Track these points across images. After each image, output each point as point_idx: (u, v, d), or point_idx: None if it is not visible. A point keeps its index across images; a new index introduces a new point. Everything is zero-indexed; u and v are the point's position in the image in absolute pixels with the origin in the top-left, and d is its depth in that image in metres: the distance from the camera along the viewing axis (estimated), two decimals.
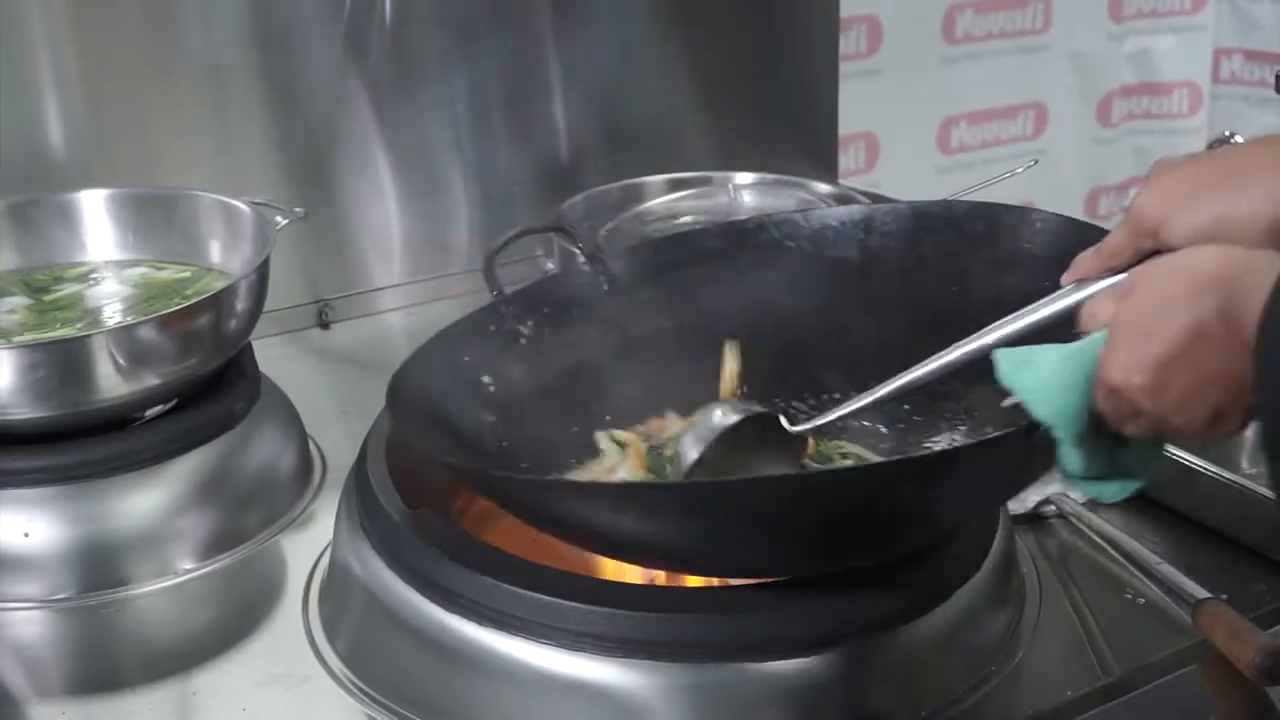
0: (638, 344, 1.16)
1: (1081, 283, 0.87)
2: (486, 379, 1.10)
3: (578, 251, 1.33)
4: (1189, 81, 2.84)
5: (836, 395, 1.11)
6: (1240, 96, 2.82)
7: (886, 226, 1.14)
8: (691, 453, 1.00)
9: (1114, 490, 0.84)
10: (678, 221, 1.60)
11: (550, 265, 1.51)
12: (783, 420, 1.02)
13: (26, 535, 1.11)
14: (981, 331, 0.91)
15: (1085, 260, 0.87)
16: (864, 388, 0.99)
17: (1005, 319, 0.90)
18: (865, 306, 1.13)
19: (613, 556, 0.98)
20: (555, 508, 0.93)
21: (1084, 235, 0.96)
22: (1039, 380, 0.81)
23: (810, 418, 1.03)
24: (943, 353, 0.93)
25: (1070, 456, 0.81)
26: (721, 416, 1.02)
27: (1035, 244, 1.03)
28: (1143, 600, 1.05)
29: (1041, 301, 0.89)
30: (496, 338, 1.12)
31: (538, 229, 1.45)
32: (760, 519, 0.85)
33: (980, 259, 1.07)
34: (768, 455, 1.01)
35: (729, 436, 1.00)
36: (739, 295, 1.16)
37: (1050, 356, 0.81)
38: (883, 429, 1.14)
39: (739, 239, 1.18)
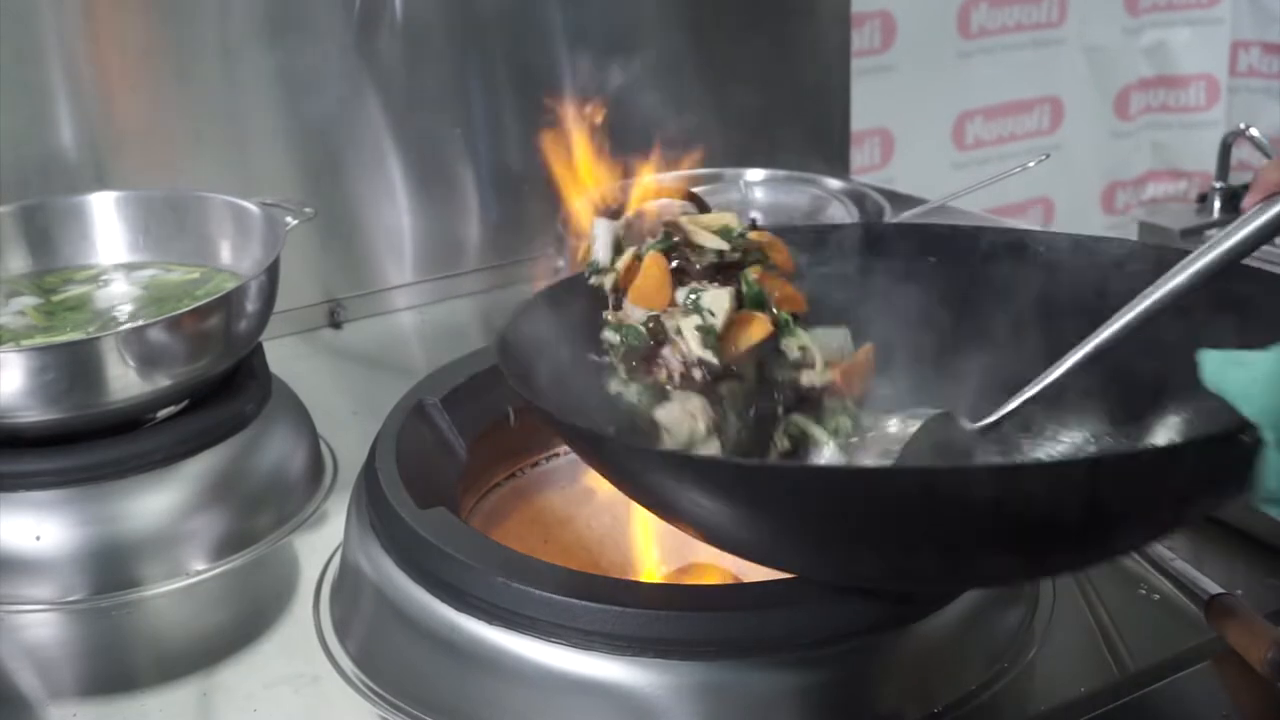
0: None
1: (1272, 198, 0.83)
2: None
3: None
4: (1206, 74, 2.83)
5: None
6: (1258, 89, 2.81)
7: (1040, 256, 1.07)
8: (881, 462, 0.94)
9: None
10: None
11: (561, 263, 1.51)
12: (961, 420, 0.96)
13: (38, 539, 1.11)
14: (1170, 272, 0.86)
15: (1270, 171, 0.83)
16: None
17: (1192, 254, 0.86)
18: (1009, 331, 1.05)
19: (727, 548, 0.92)
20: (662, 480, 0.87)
21: (1258, 281, 0.91)
22: (1251, 378, 0.76)
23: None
24: (1128, 306, 0.88)
25: (1275, 466, 0.75)
26: (901, 425, 0.98)
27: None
28: (1157, 596, 1.05)
29: (1231, 226, 0.85)
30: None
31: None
32: (956, 518, 0.78)
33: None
34: (941, 459, 0.95)
35: (917, 441, 0.95)
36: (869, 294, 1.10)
37: (1266, 355, 0.76)
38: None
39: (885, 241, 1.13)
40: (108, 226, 1.37)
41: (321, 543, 1.17)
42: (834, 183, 1.69)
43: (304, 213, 1.32)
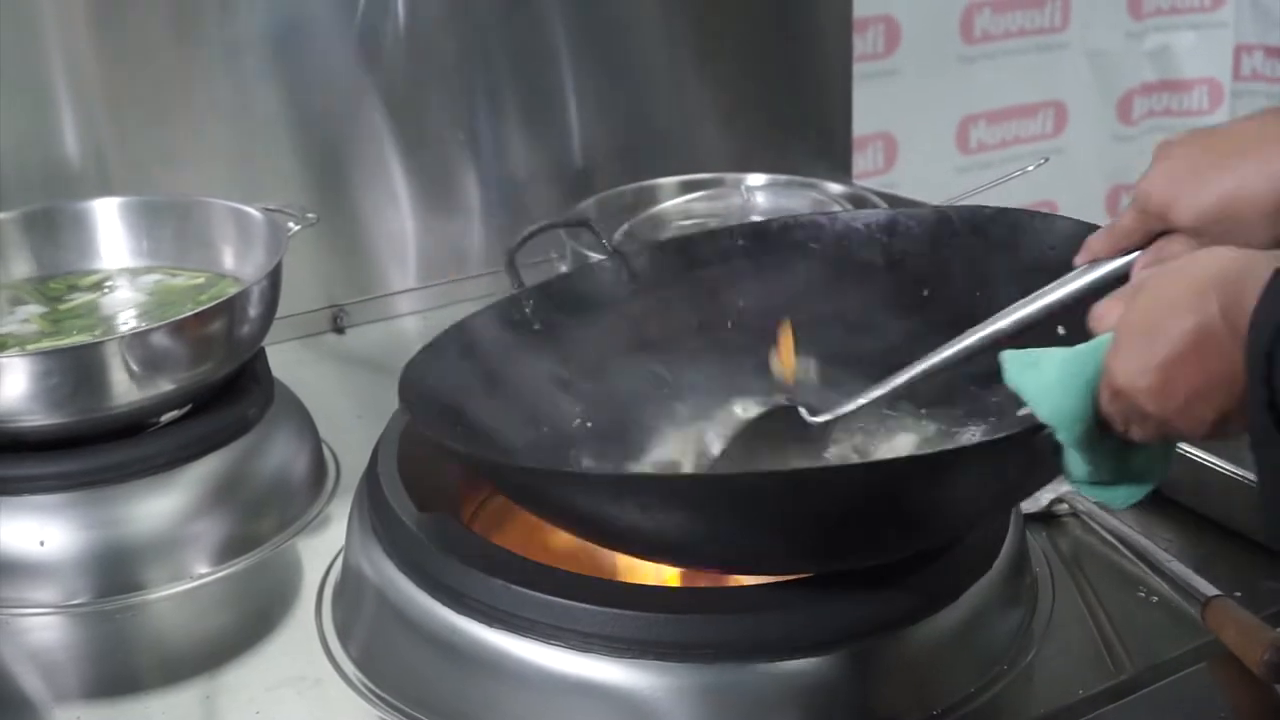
0: (658, 341, 1.16)
1: (1094, 263, 0.87)
2: (504, 372, 1.09)
3: (599, 248, 1.33)
4: (1210, 78, 2.83)
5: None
6: (1262, 93, 2.81)
7: (910, 230, 1.14)
8: (714, 447, 1.01)
9: (1121, 496, 0.83)
10: (691, 222, 1.60)
11: (564, 267, 1.51)
12: (802, 411, 1.02)
13: (42, 544, 1.12)
14: (996, 315, 0.91)
15: (1097, 241, 0.88)
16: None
17: (1020, 302, 0.91)
18: (887, 310, 1.12)
19: (617, 548, 0.98)
20: (564, 499, 0.93)
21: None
22: (1042, 382, 0.80)
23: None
24: (957, 339, 0.93)
25: (1075, 460, 0.81)
26: (742, 410, 1.02)
27: (1058, 249, 1.02)
28: (1155, 598, 1.05)
29: (1055, 283, 0.89)
30: (514, 331, 1.12)
31: (559, 224, 1.45)
32: (763, 514, 0.85)
33: (1003, 264, 1.06)
34: (790, 449, 1.01)
35: (751, 430, 1.01)
36: (760, 295, 1.16)
37: (1054, 358, 0.80)
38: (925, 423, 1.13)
39: (762, 239, 1.18)
40: (112, 232, 1.38)
41: (324, 546, 1.18)
42: (836, 187, 1.69)
43: (307, 218, 1.33)
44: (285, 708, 0.99)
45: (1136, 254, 0.84)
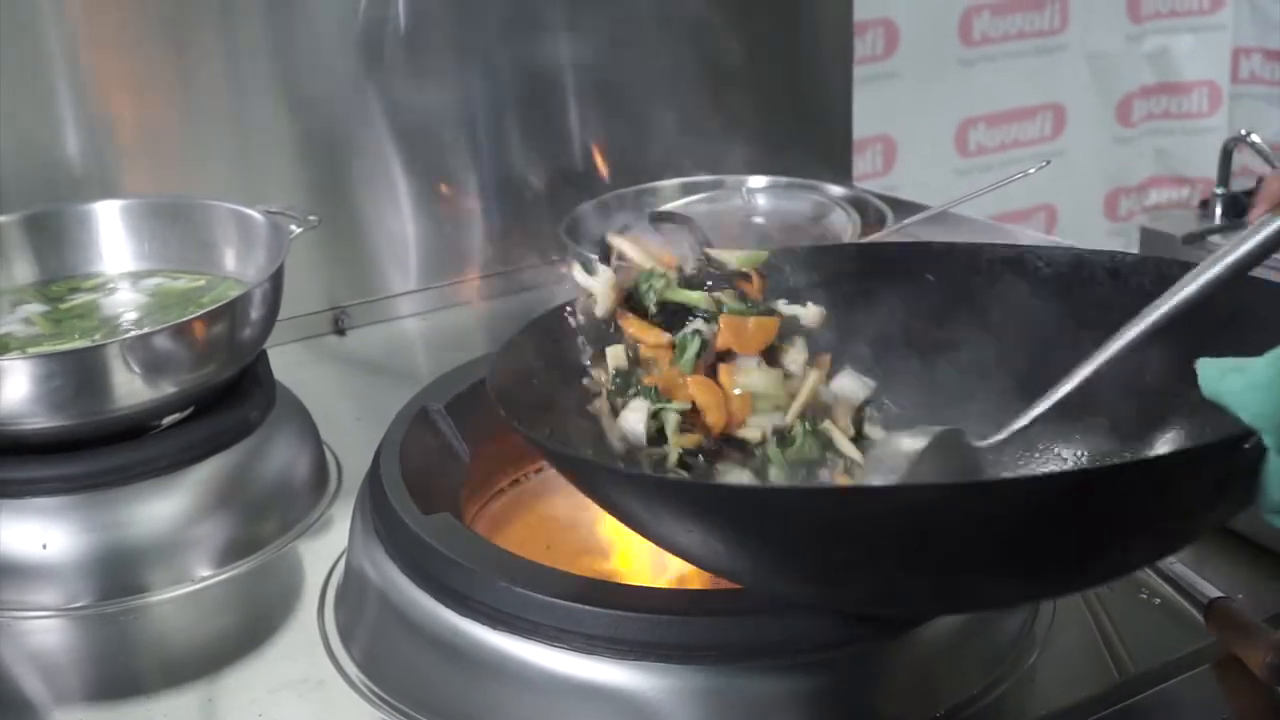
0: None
1: (1277, 210, 0.82)
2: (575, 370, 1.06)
3: (590, 251, 1.32)
4: (1209, 81, 2.84)
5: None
6: (1260, 96, 2.82)
7: (1041, 272, 1.07)
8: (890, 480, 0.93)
9: None
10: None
11: (564, 270, 1.51)
12: (965, 435, 0.96)
13: (45, 546, 1.12)
14: (1183, 280, 0.85)
15: (1275, 182, 0.83)
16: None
17: (1202, 264, 0.84)
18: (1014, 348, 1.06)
19: (718, 573, 0.92)
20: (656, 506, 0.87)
21: (1252, 292, 0.91)
22: (1248, 384, 0.75)
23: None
24: (1140, 316, 0.87)
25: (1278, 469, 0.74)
26: (910, 441, 0.96)
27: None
28: (1158, 600, 1.05)
29: (1237, 238, 0.84)
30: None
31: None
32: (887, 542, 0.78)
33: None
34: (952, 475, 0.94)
35: (922, 458, 0.94)
36: (873, 315, 1.11)
37: (1263, 359, 0.76)
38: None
39: (888, 262, 1.13)
40: (113, 234, 1.38)
41: (326, 549, 1.18)
42: (836, 189, 1.69)
43: (308, 220, 1.33)
44: (288, 710, 0.99)
45: None
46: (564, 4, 1.73)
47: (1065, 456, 1.05)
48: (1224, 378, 0.76)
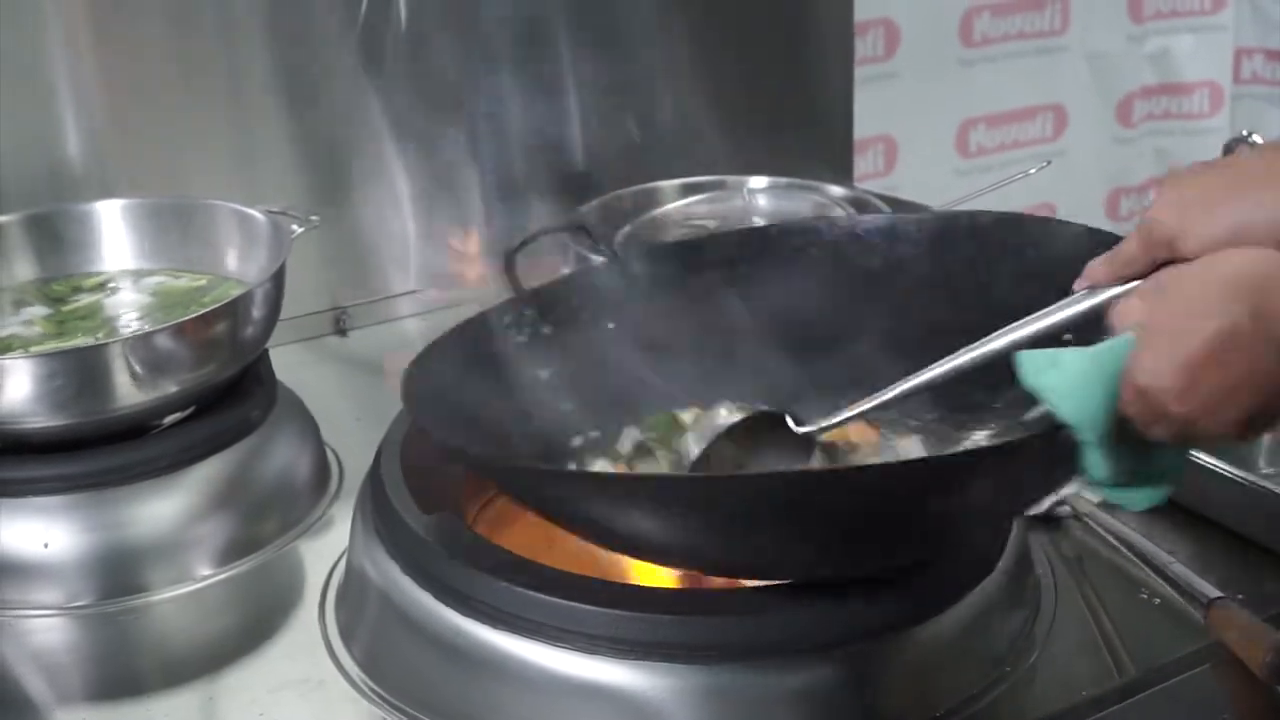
0: (656, 345, 1.15)
1: (1093, 289, 0.86)
2: (502, 374, 1.09)
3: (596, 252, 1.33)
4: (1210, 81, 2.83)
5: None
6: (1262, 96, 2.81)
7: (910, 235, 1.13)
8: (694, 449, 1.00)
9: (1141, 498, 0.84)
10: (693, 225, 1.60)
11: (566, 270, 1.51)
12: (789, 420, 1.01)
13: (46, 545, 1.12)
14: (992, 335, 0.90)
15: (1097, 268, 0.86)
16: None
17: (1016, 324, 0.89)
18: (886, 315, 1.12)
19: (621, 551, 0.97)
20: (566, 500, 0.93)
21: (1109, 246, 0.95)
22: (1064, 380, 0.80)
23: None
24: (953, 355, 0.92)
25: (1095, 460, 0.80)
26: (726, 414, 1.02)
27: (1061, 255, 1.00)
28: (1158, 600, 1.05)
29: (1054, 306, 0.88)
30: (513, 333, 1.12)
31: (556, 229, 1.45)
32: (762, 517, 0.85)
33: (1004, 270, 1.06)
34: (775, 457, 1.01)
35: (734, 435, 1.00)
36: (758, 300, 1.15)
37: (1075, 357, 0.80)
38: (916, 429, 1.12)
39: (761, 244, 1.17)
40: (114, 234, 1.38)
41: (327, 548, 1.18)
42: (837, 190, 1.69)
43: (309, 220, 1.33)
44: (289, 710, 0.99)
45: (1135, 283, 0.83)
46: (565, 4, 1.73)
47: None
48: (1043, 372, 0.81)
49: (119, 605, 1.12)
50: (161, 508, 1.16)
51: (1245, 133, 1.86)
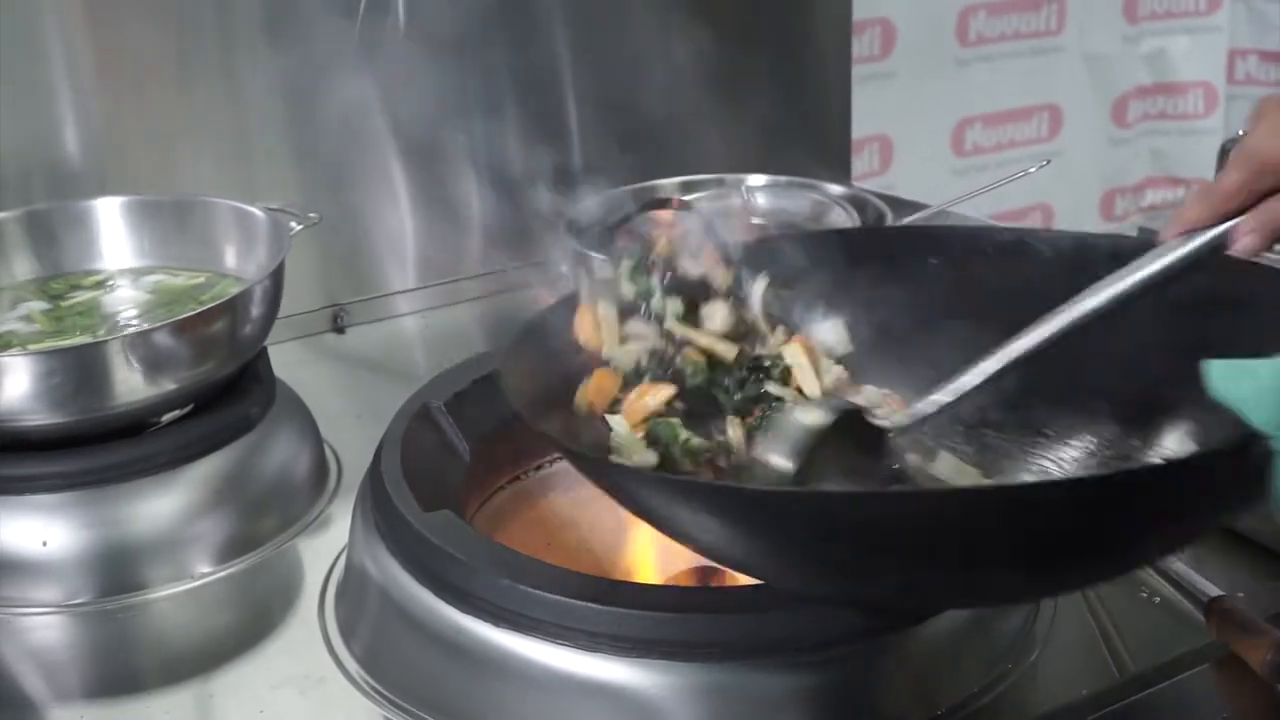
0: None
1: (1189, 234, 0.83)
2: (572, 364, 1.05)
3: (591, 250, 1.31)
4: (1204, 82, 2.83)
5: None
6: (1256, 97, 2.81)
7: (1043, 254, 1.06)
8: (780, 459, 0.92)
9: None
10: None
11: (564, 269, 1.51)
12: (870, 416, 0.96)
13: (45, 543, 1.12)
14: (1084, 292, 0.85)
15: (1192, 208, 0.82)
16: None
17: (1108, 278, 0.85)
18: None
19: (719, 561, 0.93)
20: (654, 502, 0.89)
21: (1259, 276, 0.90)
22: (1258, 388, 0.75)
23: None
24: (1041, 321, 0.87)
25: None
26: (810, 416, 0.93)
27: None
28: (1158, 598, 1.05)
29: (1148, 255, 0.84)
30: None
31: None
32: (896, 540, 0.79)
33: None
34: (853, 455, 0.94)
35: (820, 438, 0.93)
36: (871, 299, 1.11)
37: (1269, 364, 0.76)
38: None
39: (886, 245, 1.14)
40: (113, 231, 1.38)
41: (325, 546, 1.18)
42: (835, 188, 1.69)
43: (308, 218, 1.33)
44: (289, 706, 0.99)
45: (1235, 220, 0.79)
46: (562, 2, 1.73)
47: (1073, 444, 1.05)
48: (1233, 381, 0.76)
49: (118, 603, 1.11)
50: (160, 505, 1.16)
51: (1241, 133, 1.86)
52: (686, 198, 1.67)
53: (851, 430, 0.94)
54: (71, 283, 1.35)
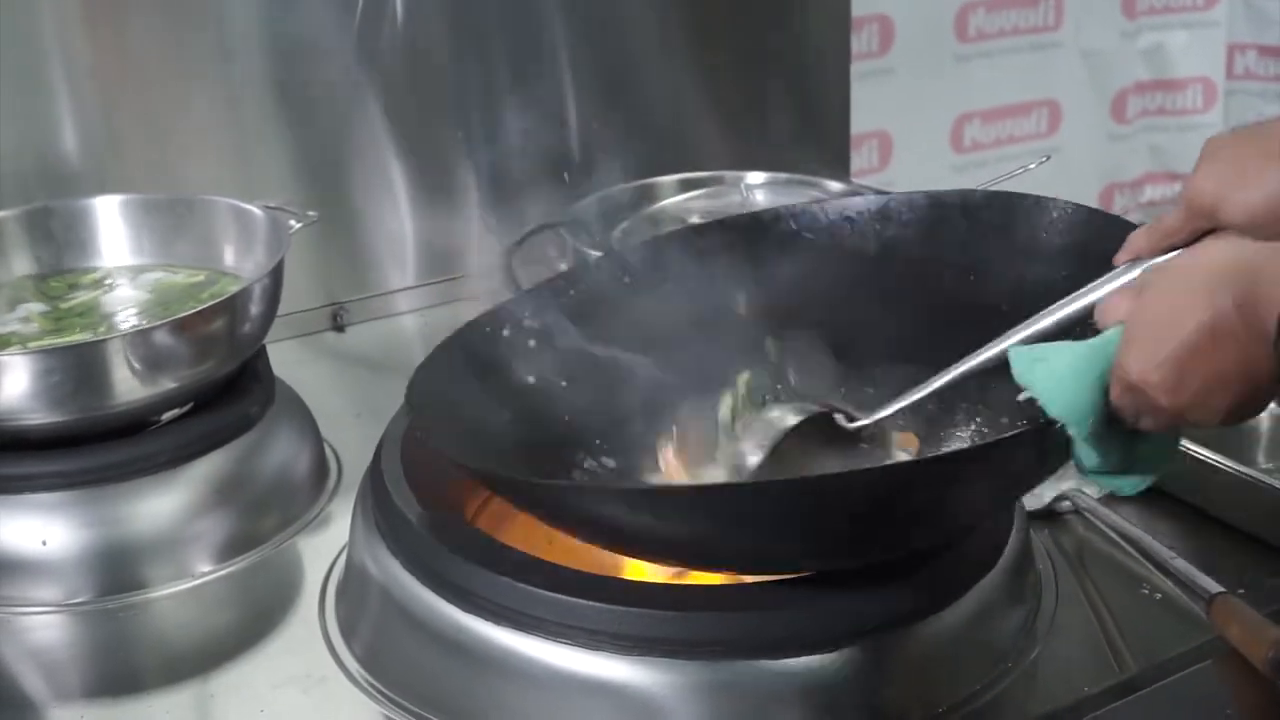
0: (657, 338, 1.14)
1: (1134, 261, 0.86)
2: (505, 375, 1.09)
3: (593, 248, 1.32)
4: (1203, 77, 2.83)
5: (869, 390, 1.10)
6: (1255, 92, 2.82)
7: (903, 216, 1.13)
8: (752, 458, 0.98)
9: (1131, 484, 0.85)
10: (691, 221, 1.60)
11: (563, 266, 1.51)
12: (838, 418, 1.00)
13: (44, 543, 1.12)
14: (1036, 316, 0.89)
15: (1139, 239, 0.86)
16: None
17: (1060, 302, 0.88)
18: (883, 298, 1.12)
19: (627, 554, 0.98)
20: (574, 511, 0.94)
21: (1101, 223, 0.97)
22: (1053, 377, 0.81)
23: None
24: (995, 341, 0.90)
25: (1085, 452, 0.82)
26: (780, 417, 1.00)
27: (1052, 233, 1.03)
28: (1159, 595, 1.05)
29: (1098, 281, 0.87)
30: (515, 333, 1.11)
31: (552, 224, 1.45)
32: (781, 519, 0.85)
33: (997, 248, 1.07)
34: (826, 452, 1.00)
35: (786, 438, 0.99)
36: (757, 287, 1.15)
37: (1064, 353, 0.81)
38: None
39: (757, 231, 1.17)
40: (112, 230, 1.38)
41: (325, 545, 1.18)
42: (835, 185, 1.69)
43: (307, 216, 1.33)
44: (290, 705, 0.99)
45: (1178, 252, 0.83)
46: (561, 1, 1.73)
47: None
48: (1032, 367, 0.82)
49: (118, 602, 1.11)
50: (160, 504, 1.15)
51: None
52: (685, 195, 1.67)
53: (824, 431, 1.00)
54: (70, 281, 1.35)
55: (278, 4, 1.57)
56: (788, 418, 1.00)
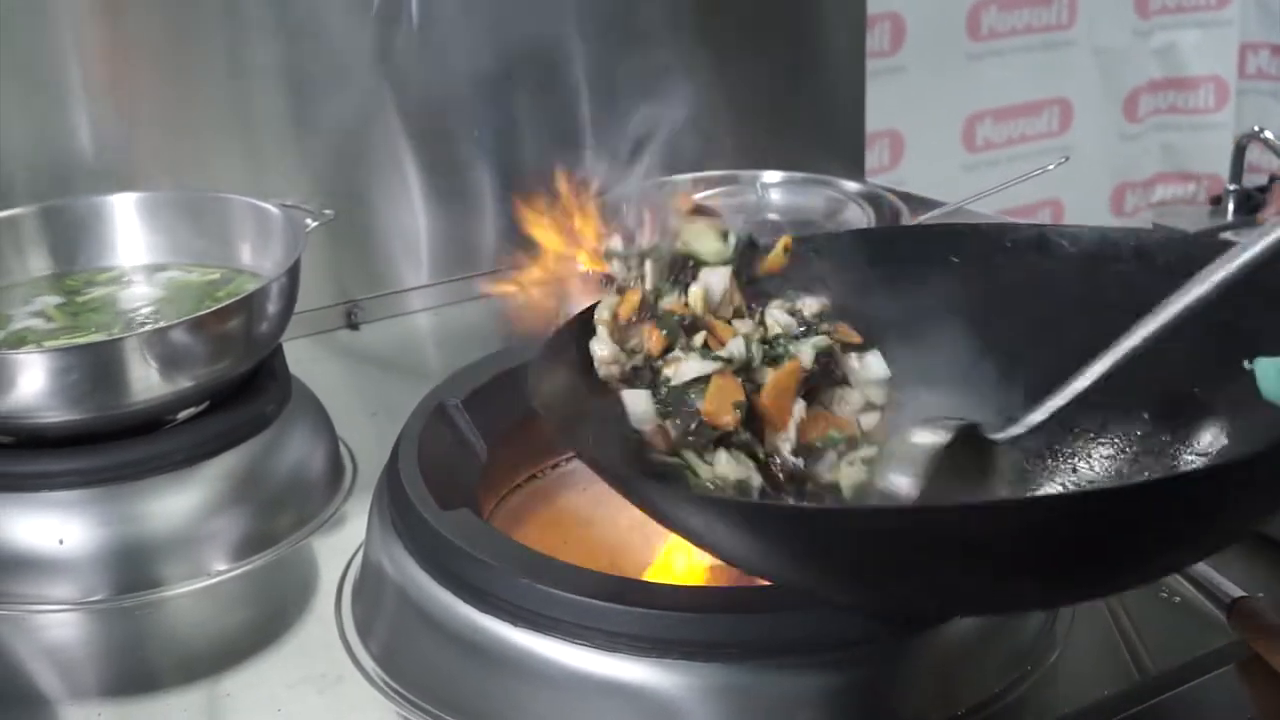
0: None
1: None
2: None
3: None
4: (1215, 76, 2.83)
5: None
6: (1267, 91, 2.82)
7: (1062, 250, 1.04)
8: (904, 483, 0.89)
9: None
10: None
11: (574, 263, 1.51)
12: (982, 429, 0.92)
13: (61, 541, 1.12)
14: (1191, 281, 0.82)
15: None
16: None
17: (1213, 264, 0.81)
18: (1036, 331, 1.03)
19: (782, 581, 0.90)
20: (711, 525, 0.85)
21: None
22: None
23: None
24: (1152, 314, 0.84)
25: None
26: (929, 437, 0.90)
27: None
28: (1179, 599, 1.05)
29: (1252, 236, 0.81)
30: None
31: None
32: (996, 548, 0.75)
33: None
34: (968, 472, 0.91)
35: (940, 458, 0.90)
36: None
37: None
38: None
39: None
40: (129, 228, 1.38)
41: (341, 544, 1.18)
42: (850, 185, 1.69)
43: (323, 214, 1.33)
44: (306, 705, 0.98)
45: None
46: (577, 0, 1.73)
47: (1103, 443, 1.02)
48: None
49: (134, 600, 1.11)
50: (176, 503, 1.15)
51: (1256, 129, 1.86)
52: (701, 194, 1.67)
53: (965, 448, 0.91)
54: (86, 279, 1.35)
55: (293, 2, 1.57)
56: (937, 435, 0.90)
